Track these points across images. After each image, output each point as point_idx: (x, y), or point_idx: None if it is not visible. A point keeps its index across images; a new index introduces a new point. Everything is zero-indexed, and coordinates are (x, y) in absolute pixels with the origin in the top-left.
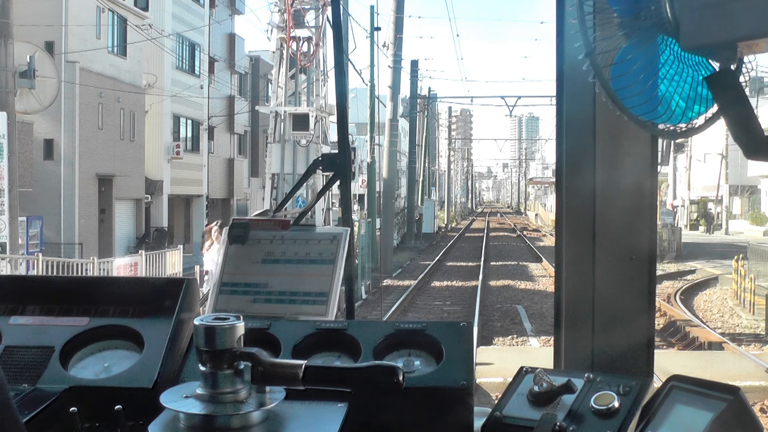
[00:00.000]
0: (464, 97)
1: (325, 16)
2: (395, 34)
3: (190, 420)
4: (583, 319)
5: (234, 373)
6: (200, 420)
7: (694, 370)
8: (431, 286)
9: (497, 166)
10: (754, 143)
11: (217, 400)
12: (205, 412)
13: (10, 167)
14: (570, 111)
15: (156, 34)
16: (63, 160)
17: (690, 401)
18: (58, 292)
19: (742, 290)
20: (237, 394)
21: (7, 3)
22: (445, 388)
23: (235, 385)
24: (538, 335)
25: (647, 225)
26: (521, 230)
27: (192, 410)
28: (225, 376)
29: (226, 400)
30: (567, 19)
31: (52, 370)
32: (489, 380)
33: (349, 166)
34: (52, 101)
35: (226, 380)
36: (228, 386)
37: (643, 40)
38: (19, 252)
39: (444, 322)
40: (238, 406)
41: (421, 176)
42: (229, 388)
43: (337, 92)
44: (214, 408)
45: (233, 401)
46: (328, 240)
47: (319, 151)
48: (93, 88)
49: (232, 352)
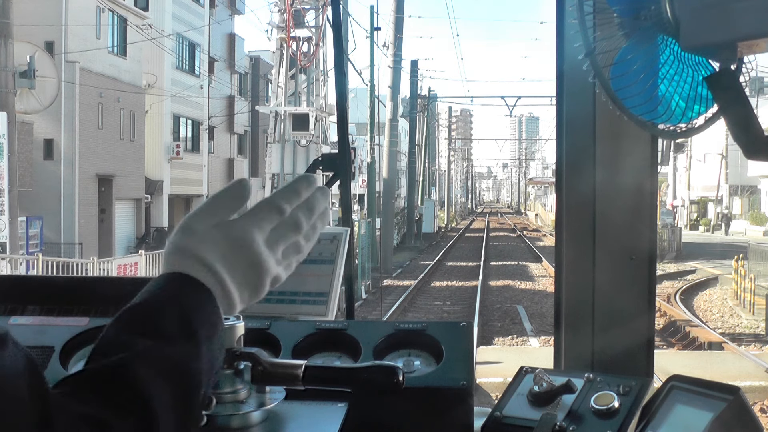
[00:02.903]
0: (464, 97)
1: (325, 16)
2: (395, 34)
3: None
4: (583, 319)
5: (234, 373)
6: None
7: (694, 370)
8: (431, 286)
9: (497, 166)
10: (754, 143)
11: (217, 400)
12: (204, 412)
13: (10, 167)
14: (570, 111)
15: (156, 34)
16: (63, 160)
17: (690, 401)
18: (58, 292)
19: (742, 290)
20: (237, 394)
21: (7, 3)
22: (445, 388)
23: (235, 385)
24: (538, 335)
25: (647, 225)
26: (521, 230)
27: None
28: (225, 376)
29: (226, 400)
30: (567, 19)
31: (52, 371)
32: (489, 380)
33: (349, 166)
34: (52, 101)
35: (225, 380)
36: (228, 386)
37: (643, 40)
38: (19, 252)
39: (444, 322)
40: (238, 406)
41: (421, 176)
42: (228, 388)
43: (337, 92)
44: (213, 408)
45: (233, 401)
46: (328, 240)
47: (319, 151)
48: (93, 88)
49: (232, 352)
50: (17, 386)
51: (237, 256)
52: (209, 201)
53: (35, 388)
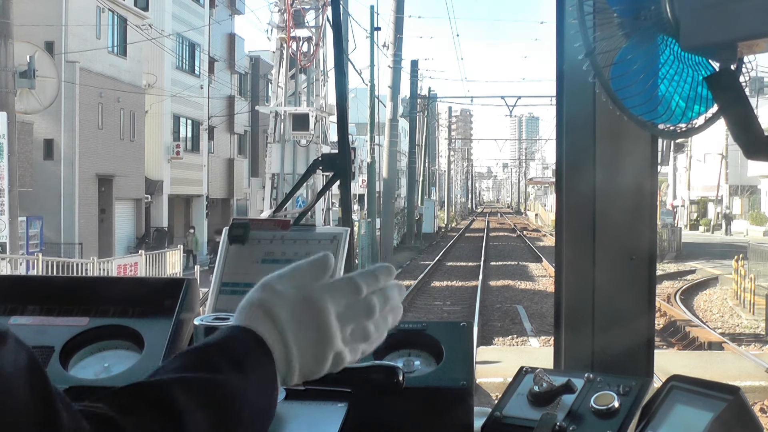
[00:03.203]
0: (464, 97)
1: (325, 16)
2: (395, 34)
3: None
4: (583, 319)
5: None
6: None
7: (694, 370)
8: (431, 286)
9: (497, 166)
10: (754, 143)
11: None
12: None
13: (10, 167)
14: (570, 111)
15: (156, 34)
16: (63, 160)
17: (690, 401)
18: (58, 292)
19: (742, 290)
20: None
21: (7, 3)
22: (445, 388)
23: None
24: (538, 335)
25: (647, 225)
26: (521, 230)
27: None
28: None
29: None
30: (567, 19)
31: (52, 370)
32: (489, 380)
33: (349, 166)
34: (52, 101)
35: None
36: None
37: (643, 40)
38: (19, 252)
39: (444, 322)
40: None
41: (421, 176)
42: None
43: (337, 92)
44: None
45: None
46: (328, 240)
47: (319, 151)
48: (93, 88)
49: None
50: (19, 383)
51: (307, 319)
52: (293, 267)
53: (38, 385)
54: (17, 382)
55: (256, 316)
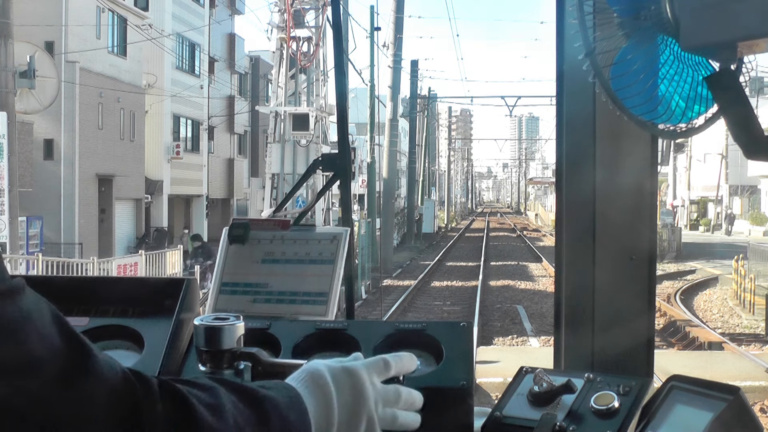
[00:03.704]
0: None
1: (325, 16)
2: (395, 34)
3: None
4: (583, 319)
5: (234, 373)
6: None
7: (694, 370)
8: (431, 286)
9: (497, 166)
10: (754, 143)
11: None
12: None
13: (10, 167)
14: (570, 111)
15: (156, 34)
16: (63, 160)
17: (690, 401)
18: (58, 292)
19: (742, 290)
20: None
21: (7, 3)
22: (445, 388)
23: None
24: (538, 335)
25: (647, 225)
26: (521, 230)
27: None
28: (225, 376)
29: None
30: (567, 19)
31: None
32: (489, 380)
33: (349, 166)
34: (52, 101)
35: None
36: None
37: (643, 40)
38: (19, 252)
39: (444, 322)
40: None
41: (421, 176)
42: None
43: (337, 92)
44: None
45: None
46: (328, 240)
47: (319, 151)
48: (93, 88)
49: (233, 352)
50: (46, 327)
51: (347, 381)
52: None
53: (65, 328)
54: (44, 324)
55: (307, 372)
